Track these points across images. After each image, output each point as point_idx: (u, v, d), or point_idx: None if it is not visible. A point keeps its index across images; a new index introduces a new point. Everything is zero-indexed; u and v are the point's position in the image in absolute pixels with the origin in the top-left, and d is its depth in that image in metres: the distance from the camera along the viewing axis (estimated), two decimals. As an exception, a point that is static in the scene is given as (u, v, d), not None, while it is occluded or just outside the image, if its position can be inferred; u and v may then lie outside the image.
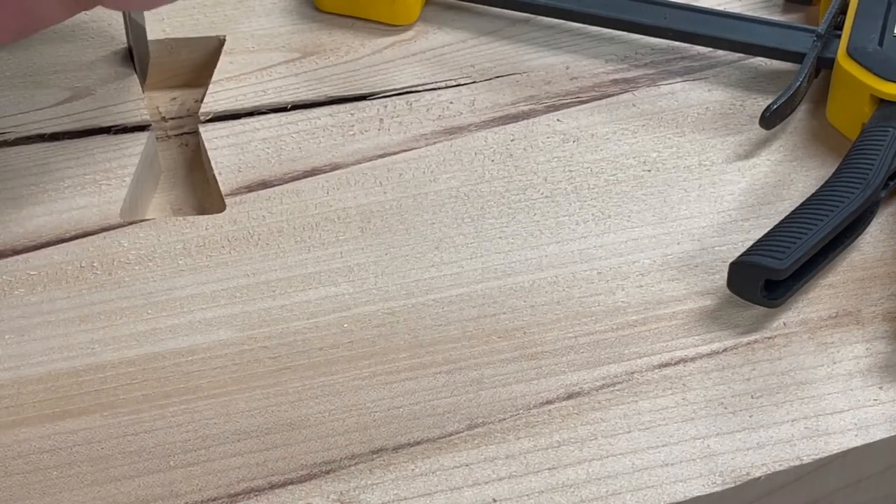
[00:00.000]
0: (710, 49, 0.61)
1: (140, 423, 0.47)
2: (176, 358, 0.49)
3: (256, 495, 0.45)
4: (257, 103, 0.59)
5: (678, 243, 0.53)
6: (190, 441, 0.46)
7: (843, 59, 0.56)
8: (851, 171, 0.52)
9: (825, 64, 0.58)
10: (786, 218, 0.51)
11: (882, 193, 0.53)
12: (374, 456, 0.46)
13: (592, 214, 0.54)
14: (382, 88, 0.59)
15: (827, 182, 0.52)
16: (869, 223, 0.53)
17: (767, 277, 0.49)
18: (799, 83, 0.57)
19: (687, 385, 0.48)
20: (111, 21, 0.63)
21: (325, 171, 0.56)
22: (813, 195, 0.52)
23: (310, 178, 0.56)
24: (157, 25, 0.62)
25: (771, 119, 0.56)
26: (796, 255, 0.49)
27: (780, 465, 0.46)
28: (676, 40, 0.61)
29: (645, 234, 0.53)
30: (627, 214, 0.54)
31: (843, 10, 0.59)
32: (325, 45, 0.62)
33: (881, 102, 0.55)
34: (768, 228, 0.51)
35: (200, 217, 0.54)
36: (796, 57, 0.58)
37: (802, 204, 0.52)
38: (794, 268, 0.49)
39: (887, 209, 0.54)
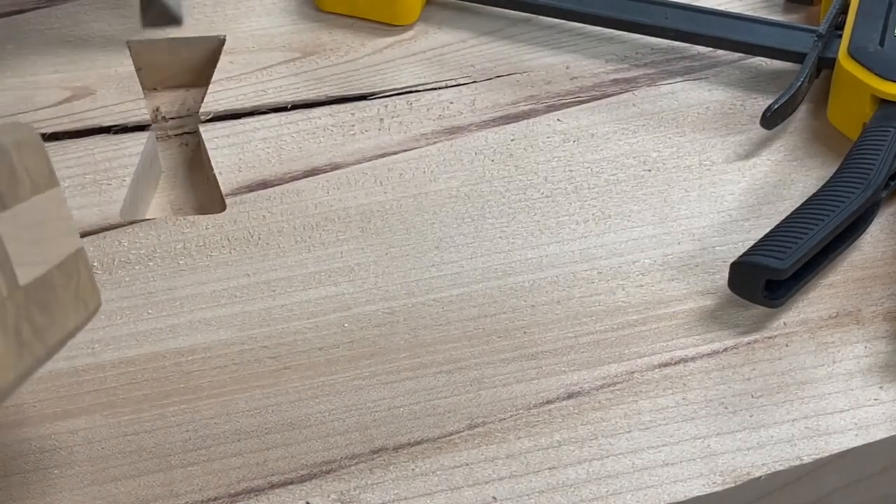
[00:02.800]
0: (711, 49, 0.61)
1: (140, 423, 0.47)
2: (176, 358, 0.49)
3: (256, 495, 0.45)
4: (257, 103, 0.59)
5: (678, 243, 0.53)
6: (190, 441, 0.46)
7: (844, 59, 0.56)
8: (852, 172, 0.52)
9: (826, 64, 0.58)
10: (787, 218, 0.51)
11: (883, 193, 0.53)
12: (375, 456, 0.46)
13: (593, 214, 0.54)
14: (383, 88, 0.59)
15: (828, 182, 0.52)
16: (870, 223, 0.53)
17: (769, 277, 0.49)
18: (800, 83, 0.57)
19: (687, 385, 0.48)
20: (111, 21, 0.63)
21: (325, 171, 0.56)
22: (814, 195, 0.52)
23: (310, 178, 0.56)
24: (158, 25, 0.62)
25: (772, 119, 0.56)
26: (797, 256, 0.49)
27: (780, 464, 0.46)
28: (677, 40, 0.61)
29: (645, 234, 0.53)
30: (628, 214, 0.54)
31: (843, 11, 0.59)
32: (326, 45, 0.62)
33: (882, 102, 0.55)
34: (769, 228, 0.51)
35: (200, 217, 0.54)
36: (797, 57, 0.58)
37: (803, 204, 0.52)
38: (796, 268, 0.49)
39: (888, 209, 0.54)
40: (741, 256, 0.50)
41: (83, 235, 0.53)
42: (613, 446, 0.46)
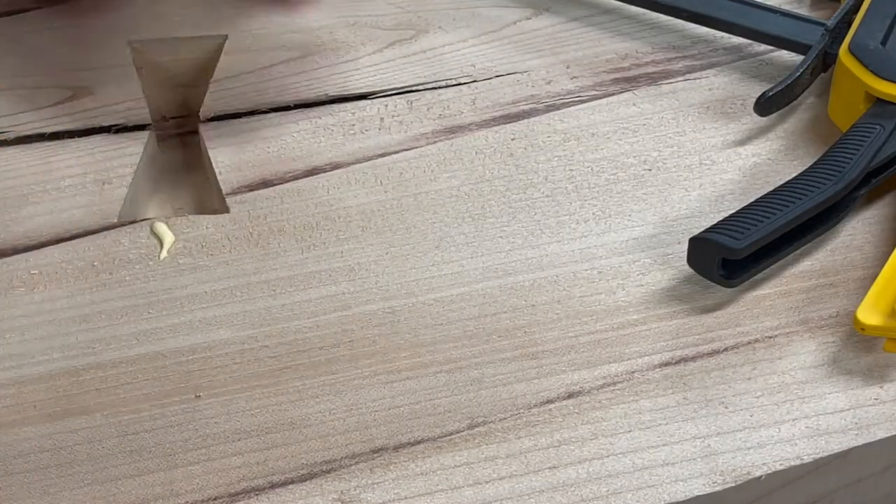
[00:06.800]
0: (711, 48, 0.61)
1: (140, 423, 0.47)
2: (176, 357, 0.49)
3: (257, 494, 0.45)
4: (258, 102, 0.59)
5: (678, 243, 0.53)
6: (190, 440, 0.46)
7: (843, 55, 0.56)
8: (828, 164, 0.52)
9: (833, 59, 0.58)
10: (754, 201, 0.51)
11: (862, 190, 0.53)
12: (375, 455, 0.46)
13: (593, 213, 0.54)
14: (383, 88, 0.59)
15: (803, 171, 0.53)
16: (843, 217, 0.53)
17: (724, 256, 0.49)
18: (799, 73, 0.57)
19: (687, 384, 0.48)
20: (112, 21, 0.63)
21: (325, 171, 0.56)
22: (786, 182, 0.52)
23: (310, 178, 0.56)
24: (158, 25, 0.62)
25: (766, 105, 0.56)
26: (754, 238, 0.49)
27: (780, 464, 0.46)
28: (690, 21, 0.61)
29: (646, 234, 0.53)
30: (628, 213, 0.54)
31: (858, 8, 0.59)
32: (326, 45, 0.62)
33: (875, 100, 0.55)
34: (769, 227, 0.51)
35: (201, 216, 0.54)
36: (804, 49, 0.58)
37: (774, 189, 0.52)
38: (752, 250, 0.49)
39: (889, 208, 0.54)
40: (701, 232, 0.50)
41: (83, 235, 0.53)
42: (614, 446, 0.46)
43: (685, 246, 0.52)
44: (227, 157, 0.56)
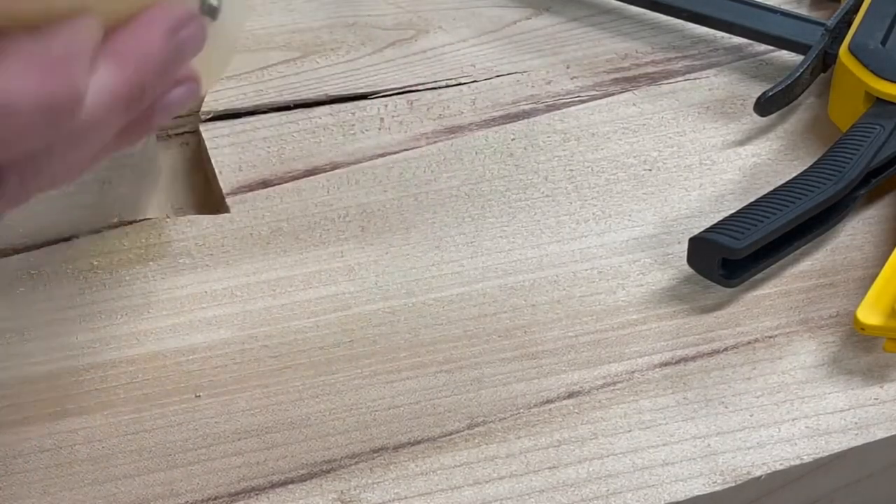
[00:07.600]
0: (711, 48, 0.61)
1: (140, 423, 0.47)
2: (177, 357, 0.49)
3: (257, 494, 0.45)
4: (258, 102, 0.59)
5: (678, 243, 0.53)
6: (190, 440, 0.46)
7: (843, 55, 0.56)
8: (828, 164, 0.52)
9: (833, 59, 0.58)
10: (754, 201, 0.51)
11: (861, 191, 0.53)
12: (375, 455, 0.46)
13: (593, 213, 0.54)
14: (383, 88, 0.59)
15: (803, 171, 0.53)
16: (843, 216, 0.53)
17: (724, 256, 0.49)
18: (799, 73, 0.56)
19: (687, 384, 0.48)
20: (112, 20, 0.63)
21: (325, 171, 0.56)
22: (786, 182, 0.52)
23: (310, 178, 0.56)
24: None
25: (766, 106, 0.56)
26: (754, 238, 0.49)
27: (780, 464, 0.46)
28: (690, 21, 0.61)
29: (646, 234, 0.53)
30: (628, 213, 0.54)
31: (857, 8, 0.59)
32: (326, 45, 0.62)
33: (875, 100, 0.55)
34: (769, 227, 0.51)
35: (200, 216, 0.54)
36: (804, 49, 0.58)
37: (774, 189, 0.52)
38: (752, 250, 0.49)
39: (889, 208, 0.54)
40: (701, 232, 0.50)
41: (83, 235, 0.53)
42: (614, 445, 0.46)
43: (685, 246, 0.52)
44: (228, 156, 0.56)
